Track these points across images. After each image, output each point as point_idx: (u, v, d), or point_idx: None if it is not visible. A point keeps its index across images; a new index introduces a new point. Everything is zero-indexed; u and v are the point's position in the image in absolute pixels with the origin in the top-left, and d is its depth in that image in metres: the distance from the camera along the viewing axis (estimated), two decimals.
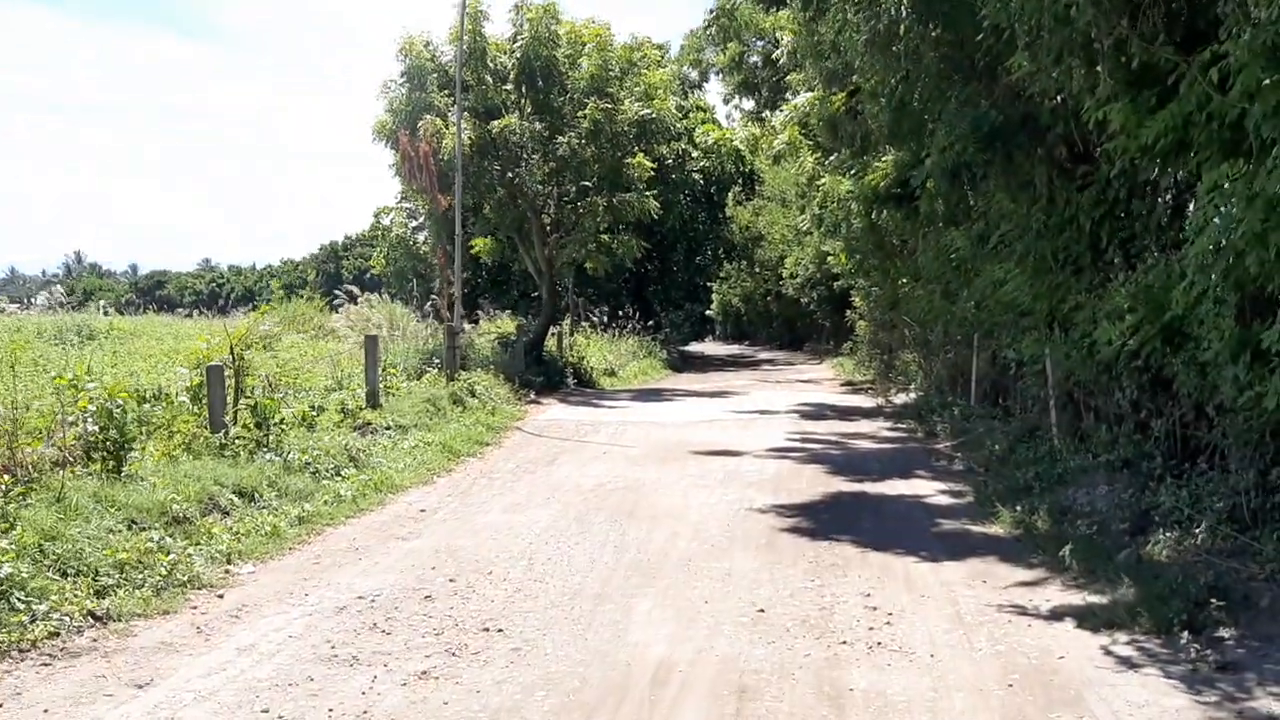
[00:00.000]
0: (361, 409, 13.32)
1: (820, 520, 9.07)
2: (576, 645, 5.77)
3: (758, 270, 50.87)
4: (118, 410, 8.75)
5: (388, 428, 12.94)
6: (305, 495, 9.49)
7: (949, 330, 17.05)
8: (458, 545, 8.09)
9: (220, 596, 6.80)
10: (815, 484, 10.90)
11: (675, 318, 48.21)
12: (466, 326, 28.41)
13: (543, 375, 21.10)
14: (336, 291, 25.77)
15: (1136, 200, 9.22)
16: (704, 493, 10.29)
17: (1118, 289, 8.61)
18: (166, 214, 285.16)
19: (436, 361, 17.24)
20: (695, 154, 37.47)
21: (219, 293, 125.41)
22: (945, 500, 10.04)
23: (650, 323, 39.34)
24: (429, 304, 23.28)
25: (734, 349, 56.85)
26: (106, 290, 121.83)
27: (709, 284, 51.42)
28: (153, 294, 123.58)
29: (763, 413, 17.86)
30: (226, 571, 7.34)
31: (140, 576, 6.78)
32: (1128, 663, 5.43)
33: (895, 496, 10.26)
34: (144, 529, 7.54)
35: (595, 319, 32.63)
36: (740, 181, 42.09)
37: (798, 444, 13.92)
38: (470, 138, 20.23)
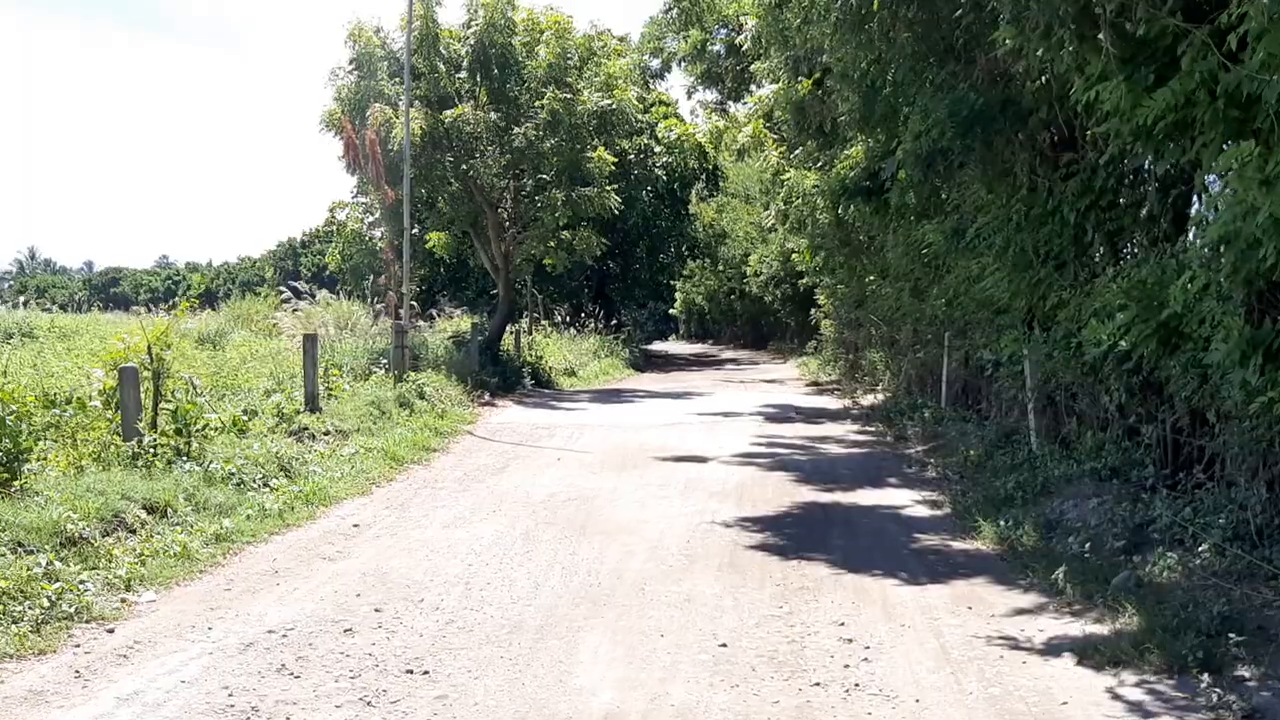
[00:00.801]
0: (299, 413, 12.45)
1: (788, 535, 8.38)
2: (511, 692, 5.01)
3: (721, 268, 50.30)
4: (11, 417, 7.89)
5: (326, 433, 12.10)
6: (226, 509, 8.64)
7: (918, 329, 16.49)
8: (389, 567, 7.30)
9: (110, 631, 5.96)
10: (782, 494, 10.21)
11: (639, 316, 47.52)
12: (421, 324, 27.61)
13: (498, 375, 20.27)
14: (282, 288, 24.71)
15: (1126, 189, 8.62)
16: (663, 504, 9.56)
17: (1107, 284, 8.00)
18: (125, 210, 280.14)
19: (384, 362, 16.39)
20: (658, 149, 36.76)
21: (175, 290, 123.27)
22: (921, 511, 9.38)
23: (613, 321, 38.64)
24: (380, 302, 22.35)
25: (698, 348, 56.32)
26: (59, 287, 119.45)
27: (673, 282, 50.84)
28: (107, 291, 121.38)
29: (726, 415, 17.18)
30: (123, 601, 6.50)
31: (19, 609, 5.94)
32: (1140, 710, 4.76)
33: (867, 507, 9.58)
34: (31, 552, 6.69)
35: (557, 317, 31.87)
36: (704, 178, 41.42)
37: (763, 449, 13.24)
38: (421, 128, 19.36)
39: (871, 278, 18.33)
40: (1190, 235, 8.66)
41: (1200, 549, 6.49)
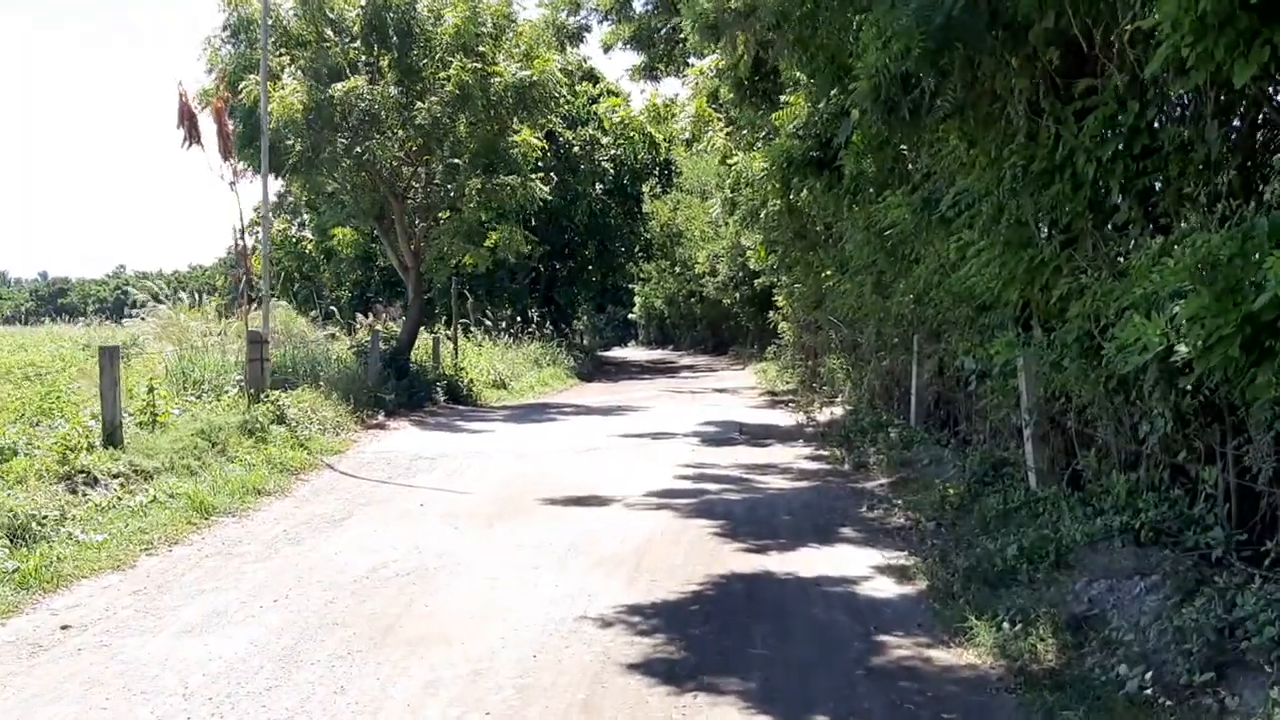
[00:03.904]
0: (90, 448, 9.63)
1: (689, 639, 5.66)
2: None
3: (679, 270, 47.71)
4: None
5: (117, 475, 9.28)
6: None
7: (882, 331, 13.92)
8: None
9: None
10: (695, 558, 7.49)
11: (597, 321, 44.73)
12: (337, 334, 24.70)
13: (402, 391, 17.43)
14: (126, 299, 21.74)
15: (1171, 125, 6.02)
16: (526, 581, 6.84)
17: (1154, 261, 5.36)
18: (83, 223, 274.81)
19: (238, 379, 13.57)
20: (605, 140, 34.18)
21: (124, 299, 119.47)
22: (885, 588, 6.70)
23: (561, 326, 35.95)
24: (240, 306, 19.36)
25: (657, 354, 53.76)
26: (6, 299, 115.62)
27: (630, 285, 48.22)
28: (54, 301, 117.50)
29: (657, 436, 14.47)
30: None
31: None
32: None
33: (810, 582, 6.87)
34: None
35: (494, 323, 29.06)
36: (656, 172, 38.81)
37: (688, 484, 10.54)
38: (302, 102, 16.55)
39: (829, 272, 15.74)
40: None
41: None
